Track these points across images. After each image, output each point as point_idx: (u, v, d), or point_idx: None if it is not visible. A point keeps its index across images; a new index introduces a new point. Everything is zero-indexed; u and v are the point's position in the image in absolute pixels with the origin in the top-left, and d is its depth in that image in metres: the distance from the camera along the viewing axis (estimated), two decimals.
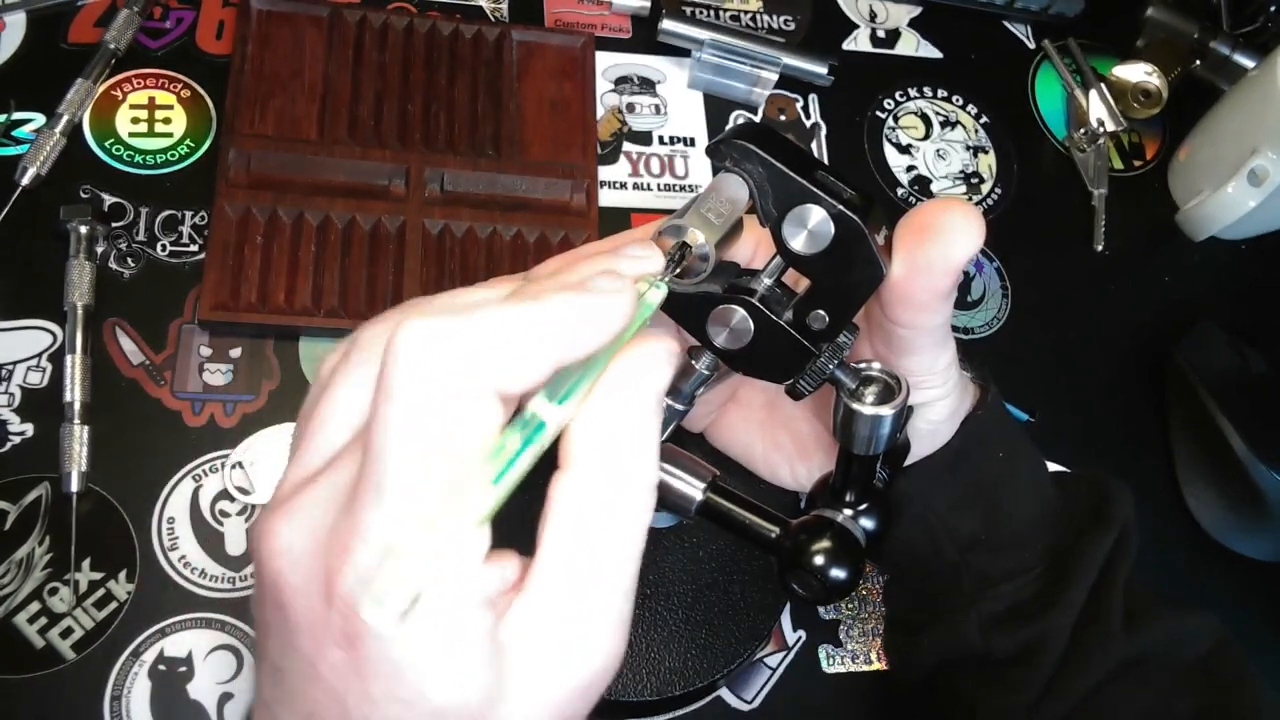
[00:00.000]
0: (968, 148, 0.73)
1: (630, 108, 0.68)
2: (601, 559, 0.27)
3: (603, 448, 0.27)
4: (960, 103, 0.75)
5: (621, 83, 0.68)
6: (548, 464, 0.27)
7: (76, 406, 0.50)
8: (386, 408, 0.24)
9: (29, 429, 0.51)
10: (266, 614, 0.28)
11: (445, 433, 0.25)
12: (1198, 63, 0.77)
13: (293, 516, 0.26)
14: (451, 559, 0.25)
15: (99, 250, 0.55)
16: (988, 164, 0.73)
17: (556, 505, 0.27)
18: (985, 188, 0.72)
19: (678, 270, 0.32)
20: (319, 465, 0.28)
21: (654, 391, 0.28)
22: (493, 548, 0.26)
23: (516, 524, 0.27)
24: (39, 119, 0.57)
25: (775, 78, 0.69)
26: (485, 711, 0.26)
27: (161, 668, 0.48)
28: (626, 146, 0.66)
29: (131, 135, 0.59)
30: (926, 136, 0.73)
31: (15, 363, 0.52)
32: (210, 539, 0.51)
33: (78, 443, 0.50)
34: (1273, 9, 0.79)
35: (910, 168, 0.71)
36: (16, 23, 0.60)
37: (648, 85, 0.69)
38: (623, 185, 0.65)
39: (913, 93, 0.74)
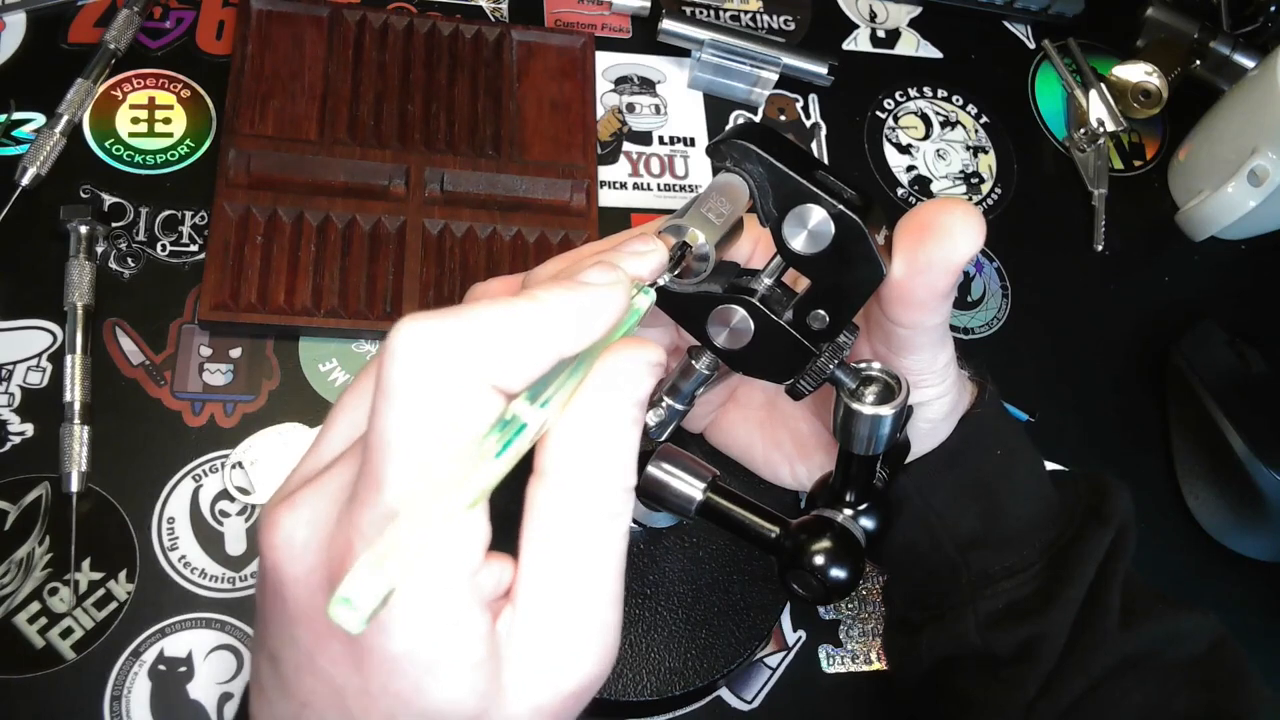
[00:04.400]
0: (968, 148, 0.73)
1: (630, 108, 0.68)
2: (580, 570, 0.27)
3: (577, 459, 0.27)
4: (960, 103, 0.75)
5: (621, 83, 0.68)
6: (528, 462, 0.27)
7: (76, 406, 0.50)
8: (383, 404, 0.25)
9: (29, 429, 0.51)
10: (266, 602, 0.28)
11: (442, 428, 0.25)
12: (1198, 63, 0.77)
13: (296, 509, 0.27)
14: (438, 555, 0.25)
15: (99, 250, 0.55)
16: (988, 164, 0.73)
17: (533, 515, 0.27)
18: (985, 188, 0.72)
19: (678, 270, 0.32)
20: (325, 463, 0.28)
21: (633, 402, 0.27)
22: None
23: (503, 512, 0.27)
24: (39, 119, 0.57)
25: (775, 78, 0.69)
26: (478, 714, 0.26)
27: (161, 668, 0.48)
28: (626, 146, 0.66)
29: (131, 135, 0.59)
30: (926, 136, 0.73)
31: (15, 363, 0.52)
32: (210, 539, 0.51)
33: (78, 443, 0.50)
34: (1273, 9, 0.79)
35: (910, 168, 0.71)
36: (16, 23, 0.60)
37: (648, 85, 0.69)
38: (623, 185, 0.65)
39: (913, 93, 0.74)
